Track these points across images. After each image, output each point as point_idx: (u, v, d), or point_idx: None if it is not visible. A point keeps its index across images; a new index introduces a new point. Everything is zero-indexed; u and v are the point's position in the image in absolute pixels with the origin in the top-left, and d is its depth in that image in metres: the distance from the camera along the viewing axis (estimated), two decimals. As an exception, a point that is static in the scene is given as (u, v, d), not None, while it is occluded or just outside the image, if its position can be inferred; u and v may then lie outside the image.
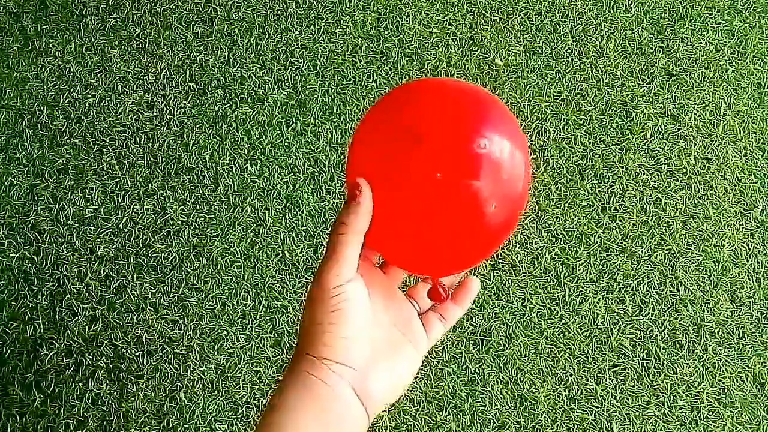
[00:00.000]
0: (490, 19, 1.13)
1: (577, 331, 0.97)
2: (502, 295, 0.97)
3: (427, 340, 0.46)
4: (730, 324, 0.99)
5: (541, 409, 0.93)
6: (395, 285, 0.47)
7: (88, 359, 0.91)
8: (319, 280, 0.40)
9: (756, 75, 1.13)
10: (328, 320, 0.39)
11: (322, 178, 1.01)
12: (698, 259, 1.02)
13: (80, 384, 0.90)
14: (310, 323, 0.40)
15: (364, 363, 0.41)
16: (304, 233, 0.98)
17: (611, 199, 1.04)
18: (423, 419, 0.91)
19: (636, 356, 0.96)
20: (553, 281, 0.99)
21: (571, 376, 0.94)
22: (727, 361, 0.97)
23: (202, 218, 0.99)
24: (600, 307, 0.98)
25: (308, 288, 0.41)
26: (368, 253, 0.45)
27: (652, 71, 1.12)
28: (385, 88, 1.07)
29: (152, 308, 0.94)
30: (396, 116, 0.41)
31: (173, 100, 1.05)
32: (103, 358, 0.91)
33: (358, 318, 0.40)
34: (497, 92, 1.08)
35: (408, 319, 0.46)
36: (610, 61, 1.12)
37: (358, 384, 0.40)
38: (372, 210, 0.41)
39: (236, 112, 1.04)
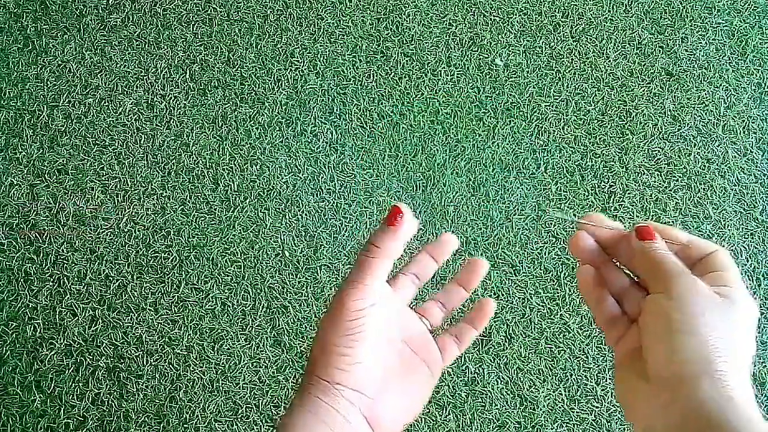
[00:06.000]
0: (490, 19, 1.13)
1: (577, 331, 0.96)
2: (502, 295, 0.97)
3: (441, 362, 0.44)
4: (730, 324, 0.99)
5: (541, 409, 0.93)
6: (406, 303, 0.45)
7: (88, 359, 0.91)
8: (340, 301, 0.38)
9: (756, 75, 1.13)
10: (345, 344, 0.38)
11: (322, 178, 1.01)
12: (698, 259, 1.02)
13: (80, 384, 0.90)
14: (325, 345, 0.38)
15: (377, 389, 0.39)
16: (304, 233, 0.98)
17: (611, 199, 1.04)
18: (423, 419, 0.91)
19: (636, 356, 0.96)
20: (553, 281, 0.99)
21: (571, 376, 0.94)
22: (727, 361, 0.97)
23: (202, 218, 0.98)
24: (600, 307, 0.98)
25: (327, 306, 0.39)
26: None
27: (652, 71, 1.12)
28: (385, 88, 1.07)
29: (152, 308, 0.94)
30: None
31: (173, 100, 1.05)
32: (103, 358, 0.91)
33: (375, 343, 0.39)
34: (497, 92, 1.08)
35: (422, 339, 0.44)
36: (610, 61, 1.12)
37: (370, 412, 0.38)
38: (408, 237, 0.39)
39: (236, 112, 1.04)
